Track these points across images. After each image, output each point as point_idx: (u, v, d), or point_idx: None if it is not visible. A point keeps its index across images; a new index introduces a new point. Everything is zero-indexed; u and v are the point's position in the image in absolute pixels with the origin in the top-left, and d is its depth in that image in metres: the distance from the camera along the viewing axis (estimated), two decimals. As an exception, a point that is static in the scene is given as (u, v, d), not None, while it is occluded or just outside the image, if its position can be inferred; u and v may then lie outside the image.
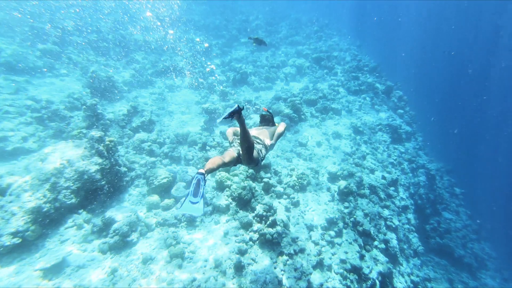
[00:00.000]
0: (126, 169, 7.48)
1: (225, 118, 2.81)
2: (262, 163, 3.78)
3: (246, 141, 3.10)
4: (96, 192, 6.31)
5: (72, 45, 14.54)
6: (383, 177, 11.55)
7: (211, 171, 2.92)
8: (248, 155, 3.24)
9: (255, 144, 3.54)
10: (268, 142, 3.92)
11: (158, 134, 9.76)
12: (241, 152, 3.29)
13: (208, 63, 16.30)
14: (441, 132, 34.70)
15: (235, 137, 3.84)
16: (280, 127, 4.34)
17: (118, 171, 6.98)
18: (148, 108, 11.58)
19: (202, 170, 2.76)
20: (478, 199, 24.94)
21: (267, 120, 4.68)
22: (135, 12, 22.14)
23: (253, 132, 4.03)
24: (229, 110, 2.80)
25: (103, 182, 6.36)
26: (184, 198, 2.72)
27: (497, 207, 27.48)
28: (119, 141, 8.95)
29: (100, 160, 6.34)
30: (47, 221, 5.54)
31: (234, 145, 3.65)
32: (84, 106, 8.50)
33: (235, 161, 3.38)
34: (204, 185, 2.69)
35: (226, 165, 3.22)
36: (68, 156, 6.06)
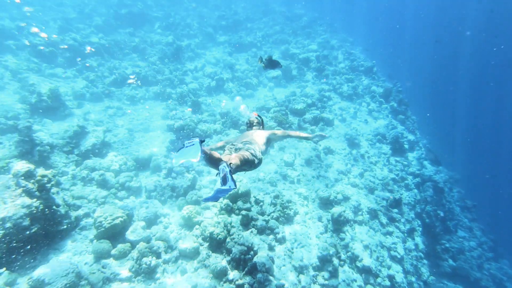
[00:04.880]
0: (68, 208, 6.82)
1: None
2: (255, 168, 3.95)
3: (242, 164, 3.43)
4: (25, 243, 5.63)
5: (9, 50, 13.75)
6: (385, 198, 11.31)
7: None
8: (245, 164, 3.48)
9: (244, 149, 3.77)
10: (260, 142, 4.11)
11: (113, 159, 9.12)
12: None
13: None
14: (447, 137, 35.18)
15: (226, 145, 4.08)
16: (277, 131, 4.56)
17: (55, 213, 6.31)
18: (103, 126, 10.93)
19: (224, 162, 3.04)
20: (491, 210, 25.12)
21: (257, 124, 4.81)
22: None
23: (239, 137, 4.33)
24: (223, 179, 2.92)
25: (34, 230, 5.69)
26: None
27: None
28: (63, 171, 8.29)
29: (29, 201, 5.69)
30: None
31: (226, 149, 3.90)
32: (18, 129, 7.81)
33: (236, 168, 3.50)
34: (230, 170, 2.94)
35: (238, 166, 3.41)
36: (-16, 199, 5.38)
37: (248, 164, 3.62)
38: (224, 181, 2.86)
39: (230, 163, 3.16)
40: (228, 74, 17.28)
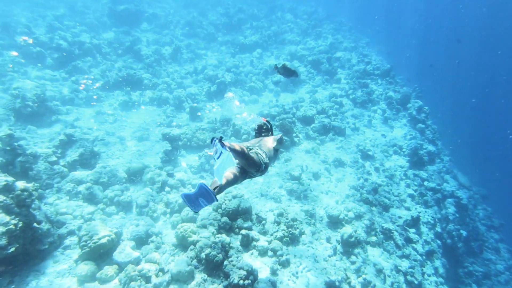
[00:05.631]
0: (51, 226, 6.82)
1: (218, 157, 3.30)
2: (263, 174, 4.09)
3: (238, 154, 3.53)
4: (1, 264, 5.63)
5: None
6: (401, 216, 11.19)
7: (227, 184, 3.41)
8: (246, 160, 3.64)
9: (249, 151, 3.84)
10: (266, 148, 4.20)
11: (102, 171, 9.15)
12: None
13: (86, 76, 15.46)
14: (473, 148, 34.77)
15: None
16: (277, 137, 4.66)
17: (36, 231, 6.32)
18: (92, 134, 11.01)
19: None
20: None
21: (266, 130, 4.88)
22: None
23: (247, 143, 4.31)
24: (216, 151, 3.26)
25: (11, 250, 5.67)
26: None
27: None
28: (47, 184, 8.32)
29: (7, 219, 5.69)
30: None
31: None
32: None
33: (242, 173, 3.77)
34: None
35: (237, 179, 3.65)
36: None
37: (252, 165, 3.73)
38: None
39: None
40: (231, 77, 17.35)
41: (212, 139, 3.34)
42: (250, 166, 3.73)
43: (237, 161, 3.78)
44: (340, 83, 18.96)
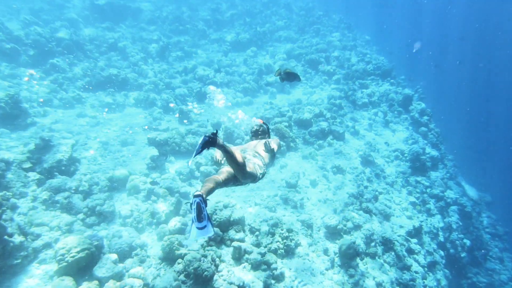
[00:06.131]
0: (24, 238, 6.67)
1: (198, 154, 3.11)
2: (259, 182, 4.11)
3: (234, 162, 3.41)
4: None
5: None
6: (402, 226, 11.21)
7: (210, 192, 3.29)
8: (242, 172, 3.55)
9: (247, 158, 3.89)
10: (263, 153, 4.20)
11: (83, 179, 9.02)
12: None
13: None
14: (477, 151, 35.04)
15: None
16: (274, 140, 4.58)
17: (7, 244, 6.17)
18: (72, 138, 10.86)
19: (198, 192, 3.09)
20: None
21: (262, 133, 4.89)
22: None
23: (242, 147, 4.42)
24: (199, 144, 3.07)
25: (-21, 266, 5.57)
26: (190, 225, 3.20)
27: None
28: (21, 192, 8.15)
29: (-24, 232, 5.57)
30: None
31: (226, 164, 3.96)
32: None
33: (234, 178, 3.71)
34: (206, 206, 3.04)
35: (225, 183, 3.62)
36: None
37: (249, 177, 3.68)
38: (199, 217, 3.04)
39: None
40: (223, 77, 17.31)
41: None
42: (245, 178, 3.68)
43: (230, 170, 3.71)
44: (339, 84, 19.01)
